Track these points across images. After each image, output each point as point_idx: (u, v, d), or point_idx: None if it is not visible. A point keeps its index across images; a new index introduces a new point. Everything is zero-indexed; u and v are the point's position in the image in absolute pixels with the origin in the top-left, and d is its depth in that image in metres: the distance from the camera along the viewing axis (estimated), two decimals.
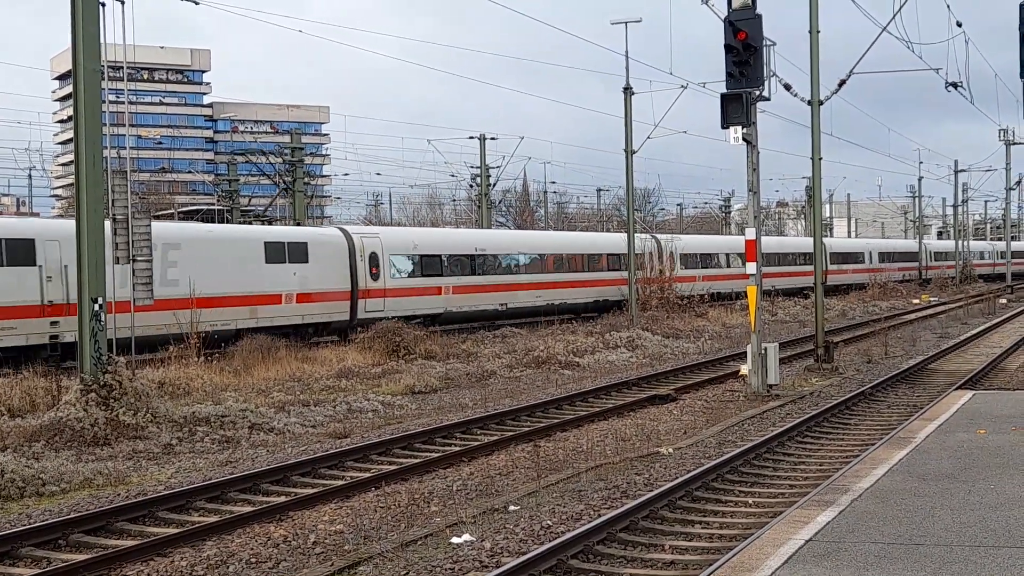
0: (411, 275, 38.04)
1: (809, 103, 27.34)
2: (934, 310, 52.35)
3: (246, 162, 58.77)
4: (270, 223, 52.81)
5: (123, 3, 19.48)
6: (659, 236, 52.56)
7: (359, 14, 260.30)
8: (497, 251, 43.14)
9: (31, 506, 13.27)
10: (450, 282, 39.69)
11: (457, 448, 16.46)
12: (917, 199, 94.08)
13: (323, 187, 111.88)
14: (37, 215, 66.42)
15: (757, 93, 21.30)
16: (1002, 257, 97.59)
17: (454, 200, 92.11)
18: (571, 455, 15.85)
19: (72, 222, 19.58)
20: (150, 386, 19.85)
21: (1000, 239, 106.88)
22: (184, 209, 60.70)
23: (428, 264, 38.96)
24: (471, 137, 59.20)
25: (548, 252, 46.16)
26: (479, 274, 41.47)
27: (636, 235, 43.87)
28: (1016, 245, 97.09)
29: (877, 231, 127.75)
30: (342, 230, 37.58)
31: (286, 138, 63.03)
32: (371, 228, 43.47)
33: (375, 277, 36.08)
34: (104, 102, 19.78)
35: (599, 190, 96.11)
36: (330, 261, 34.77)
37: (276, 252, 32.90)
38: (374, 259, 36.26)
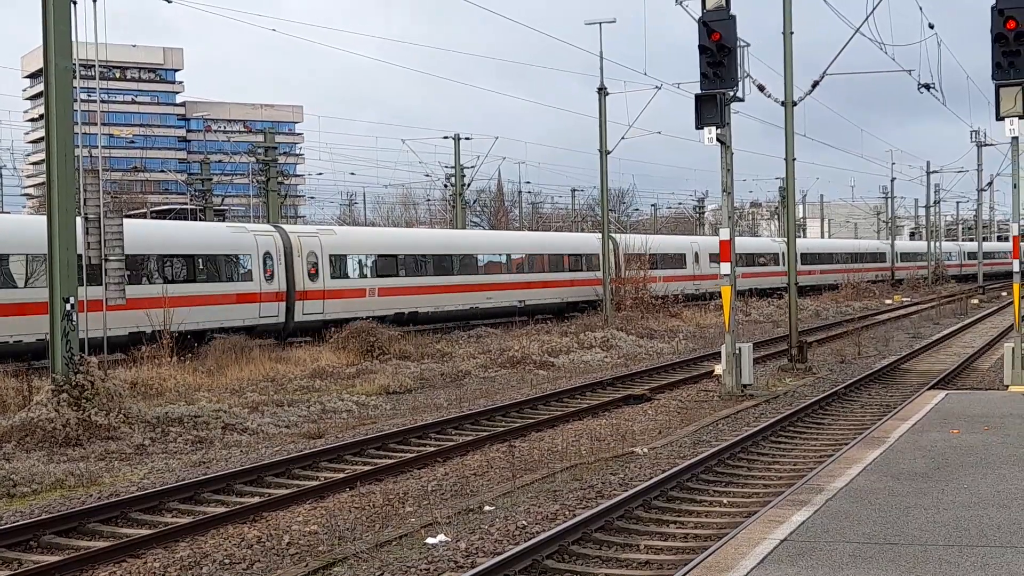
0: (360, 276, 36.56)
1: (783, 104, 27.45)
2: (906, 310, 52.66)
3: (219, 161, 58.58)
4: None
5: (95, 0, 19.32)
6: (614, 235, 51.16)
7: (333, 13, 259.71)
8: (457, 252, 41.76)
9: (2, 507, 13.13)
10: (401, 283, 38.03)
11: (432, 448, 16.42)
12: (889, 200, 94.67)
13: (297, 187, 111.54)
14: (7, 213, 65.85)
15: (731, 94, 21.36)
16: (970, 258, 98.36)
17: (428, 200, 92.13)
18: (546, 455, 15.84)
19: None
20: (122, 386, 19.69)
21: (971, 239, 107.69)
22: (157, 208, 60.43)
23: (382, 265, 37.49)
24: (445, 137, 59.19)
25: (513, 253, 45.15)
26: (438, 275, 40.05)
27: (588, 235, 43.57)
28: (987, 246, 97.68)
29: (850, 232, 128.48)
30: (278, 228, 35.43)
31: (259, 137, 62.85)
32: (310, 227, 40.60)
33: (313, 278, 34.20)
34: (76, 100, 19.63)
35: (574, 190, 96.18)
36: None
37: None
38: (312, 259, 34.40)
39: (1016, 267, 21.23)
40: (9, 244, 26.36)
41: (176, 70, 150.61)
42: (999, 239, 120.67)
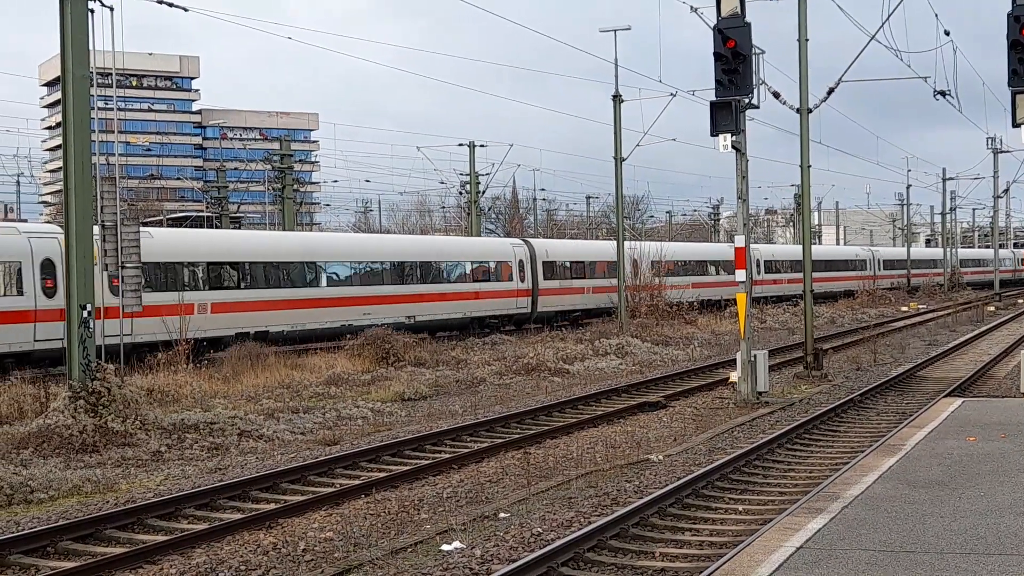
0: (186, 288, 30.00)
1: (798, 111, 27.41)
2: (922, 318, 52.47)
3: (235, 169, 58.75)
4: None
5: (111, 10, 19.42)
6: (532, 241, 46.40)
7: (348, 21, 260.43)
8: (320, 259, 35.24)
9: (19, 513, 13.19)
10: (242, 296, 31.62)
11: (447, 455, 16.43)
12: (905, 207, 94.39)
13: (312, 194, 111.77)
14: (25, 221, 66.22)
15: (746, 101, 21.35)
16: (980, 265, 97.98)
17: (443, 207, 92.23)
18: (561, 462, 15.83)
19: None
20: (139, 393, 19.77)
21: (987, 246, 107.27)
22: (173, 216, 60.68)
23: (216, 276, 31.07)
24: (460, 144, 59.27)
25: (400, 259, 38.49)
26: (296, 287, 33.73)
27: (495, 239, 41.07)
28: (1002, 253, 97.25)
29: (866, 239, 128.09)
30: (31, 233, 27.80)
31: (275, 145, 63.07)
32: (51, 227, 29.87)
33: (49, 293, 26.40)
34: (93, 108, 19.73)
35: (588, 197, 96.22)
36: None
37: None
38: (48, 268, 26.68)
39: None
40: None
41: (192, 78, 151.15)
42: (1016, 246, 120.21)
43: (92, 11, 18.97)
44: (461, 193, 61.09)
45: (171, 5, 22.76)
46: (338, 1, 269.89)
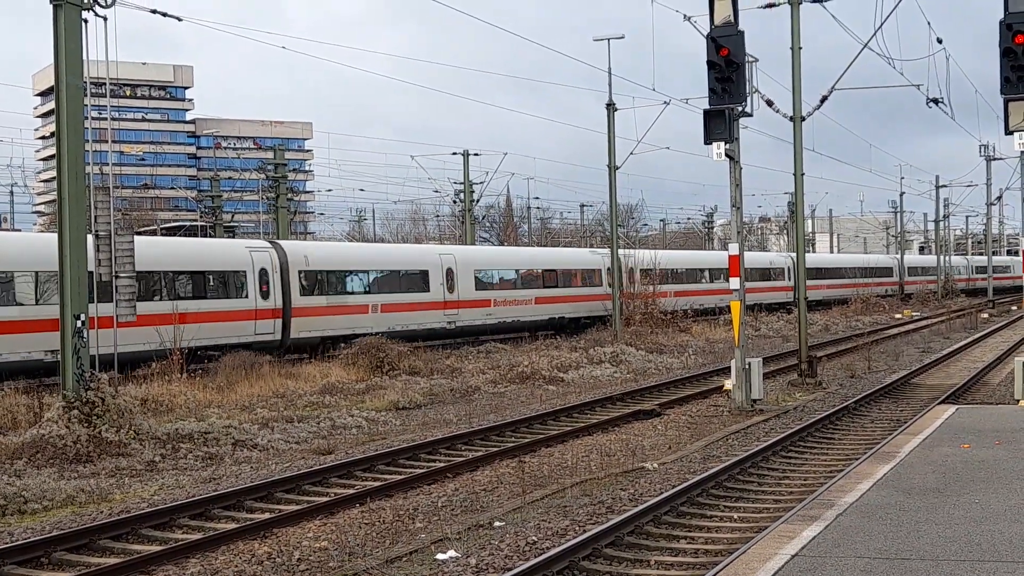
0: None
1: (791, 119, 27.47)
2: (916, 325, 52.54)
3: (229, 178, 58.73)
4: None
5: (105, 19, 19.41)
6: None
7: (343, 30, 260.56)
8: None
9: (13, 524, 13.16)
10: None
11: (442, 464, 16.41)
12: (898, 214, 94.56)
13: (307, 203, 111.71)
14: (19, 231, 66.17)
15: (740, 109, 21.40)
16: (976, 272, 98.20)
17: (437, 216, 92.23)
18: (556, 471, 15.83)
19: None
20: (133, 403, 19.74)
21: (980, 253, 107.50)
22: (167, 225, 60.65)
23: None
24: (454, 153, 59.23)
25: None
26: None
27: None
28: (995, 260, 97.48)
29: (859, 246, 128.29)
30: None
31: (269, 154, 63.03)
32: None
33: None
34: (86, 118, 19.72)
35: (582, 206, 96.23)
36: None
37: None
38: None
39: None
40: None
41: (186, 88, 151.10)
42: (1008, 253, 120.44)
43: (86, 21, 18.98)
44: (455, 202, 61.08)
45: (165, 15, 22.77)
46: (337, 6, 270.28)
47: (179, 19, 23.63)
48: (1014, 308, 66.81)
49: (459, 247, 46.57)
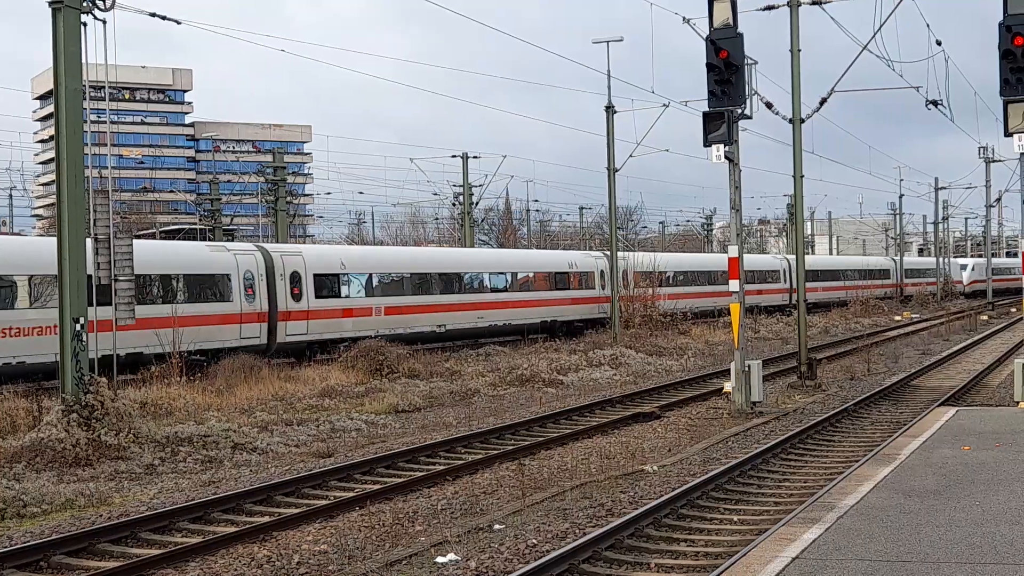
0: None
1: (791, 121, 27.46)
2: (915, 327, 52.53)
3: (228, 181, 58.71)
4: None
5: (104, 23, 19.40)
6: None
7: (342, 33, 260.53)
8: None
9: (12, 528, 13.14)
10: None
11: (441, 467, 16.40)
12: (898, 216, 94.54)
13: (306, 206, 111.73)
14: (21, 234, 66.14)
15: (739, 111, 21.38)
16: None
17: (437, 219, 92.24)
18: (556, 473, 15.81)
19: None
20: (132, 406, 19.72)
21: (979, 255, 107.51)
22: (166, 228, 60.61)
23: None
24: (454, 156, 59.26)
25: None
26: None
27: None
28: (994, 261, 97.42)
29: (858, 248, 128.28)
30: None
31: (268, 157, 63.05)
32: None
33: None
34: (86, 122, 19.71)
35: (582, 208, 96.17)
36: None
37: None
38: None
39: None
40: None
41: (185, 91, 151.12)
42: (1007, 255, 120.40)
43: (85, 24, 18.96)
44: (454, 204, 61.09)
45: (164, 18, 22.76)
46: (338, 8, 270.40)
47: (178, 22, 23.62)
48: (1013, 310, 66.77)
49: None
